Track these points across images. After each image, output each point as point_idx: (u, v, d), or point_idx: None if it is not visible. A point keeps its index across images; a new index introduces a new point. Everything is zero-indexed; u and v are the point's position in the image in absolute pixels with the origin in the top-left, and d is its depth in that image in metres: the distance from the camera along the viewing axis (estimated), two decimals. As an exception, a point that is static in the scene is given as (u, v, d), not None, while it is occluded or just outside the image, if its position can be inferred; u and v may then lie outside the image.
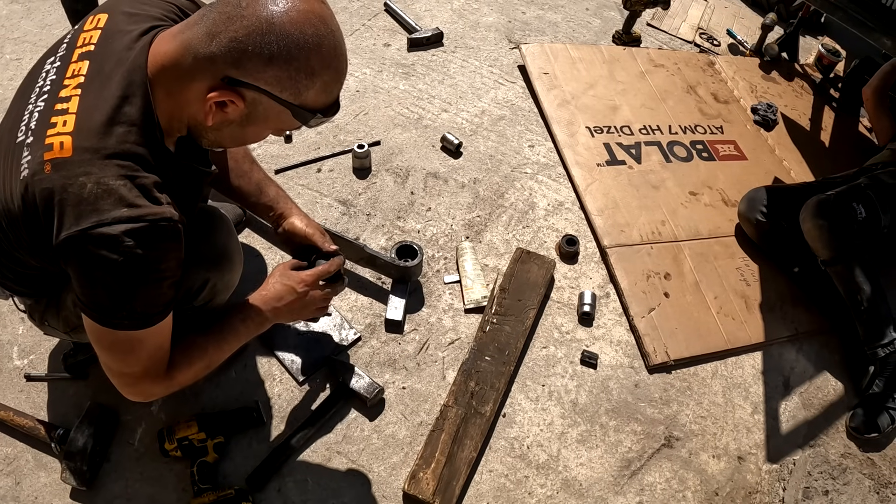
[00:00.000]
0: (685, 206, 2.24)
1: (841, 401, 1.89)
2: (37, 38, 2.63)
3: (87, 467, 1.41)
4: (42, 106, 1.01)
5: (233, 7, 0.94)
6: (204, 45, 0.95)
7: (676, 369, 1.85)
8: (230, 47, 0.93)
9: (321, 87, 0.99)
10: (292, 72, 0.95)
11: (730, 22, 3.24)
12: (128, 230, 0.94)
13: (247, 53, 0.93)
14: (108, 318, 1.03)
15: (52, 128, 0.97)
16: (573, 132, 2.39)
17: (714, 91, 2.72)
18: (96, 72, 1.01)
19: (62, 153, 0.95)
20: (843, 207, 1.88)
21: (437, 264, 1.98)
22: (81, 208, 0.93)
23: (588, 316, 1.89)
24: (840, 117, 2.79)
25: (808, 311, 2.05)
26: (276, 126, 1.08)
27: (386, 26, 2.81)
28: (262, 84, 0.96)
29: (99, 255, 0.94)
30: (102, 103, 0.98)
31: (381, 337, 1.80)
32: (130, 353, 1.10)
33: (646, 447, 1.69)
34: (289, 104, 0.99)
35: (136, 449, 1.51)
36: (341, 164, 2.21)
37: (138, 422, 1.55)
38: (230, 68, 0.95)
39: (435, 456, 1.54)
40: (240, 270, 1.45)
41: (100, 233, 0.93)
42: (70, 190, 0.94)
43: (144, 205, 0.96)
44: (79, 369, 1.59)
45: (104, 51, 1.03)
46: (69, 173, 0.94)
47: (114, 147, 0.96)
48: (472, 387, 1.66)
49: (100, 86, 0.99)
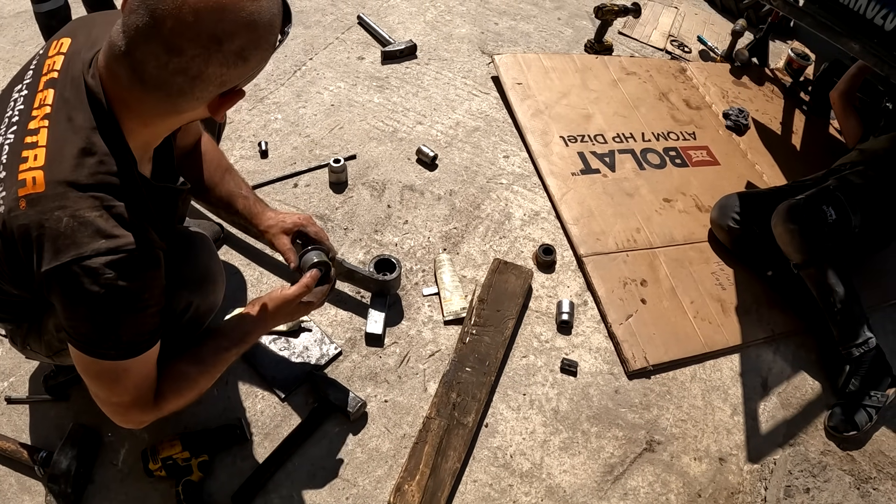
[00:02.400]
0: (659, 212, 2.26)
1: (819, 399, 1.92)
2: (9, 56, 2.60)
3: (71, 490, 1.40)
4: (12, 139, 1.00)
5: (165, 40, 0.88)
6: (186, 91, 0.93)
7: (656, 374, 1.87)
8: (215, 79, 0.93)
9: (279, 30, 1.00)
10: (262, 50, 0.97)
11: (700, 28, 3.29)
12: (108, 262, 0.94)
13: (232, 72, 0.94)
14: (94, 349, 1.03)
15: (23, 162, 0.96)
16: (547, 142, 2.41)
17: (686, 97, 2.76)
18: (62, 101, 1.00)
19: (35, 188, 0.94)
20: (813, 211, 1.91)
21: (416, 277, 1.98)
22: (59, 242, 0.93)
23: (567, 324, 1.90)
24: (811, 120, 2.84)
25: (783, 313, 2.08)
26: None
27: (359, 39, 2.82)
28: (251, 72, 0.99)
29: (81, 289, 0.94)
30: (71, 135, 0.97)
31: (362, 351, 1.80)
32: (117, 383, 1.10)
33: (628, 452, 1.70)
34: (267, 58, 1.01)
35: (121, 469, 1.49)
36: (318, 179, 2.21)
37: (121, 442, 1.53)
38: (220, 89, 0.97)
39: (419, 468, 1.54)
40: (223, 291, 1.44)
41: (80, 266, 0.93)
42: (46, 225, 0.93)
43: (122, 234, 0.96)
44: (60, 391, 1.58)
45: (66, 78, 1.01)
46: (44, 208, 0.94)
47: (86, 179, 0.95)
48: (453, 398, 1.67)
49: (66, 116, 0.98)
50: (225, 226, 2.00)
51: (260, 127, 2.37)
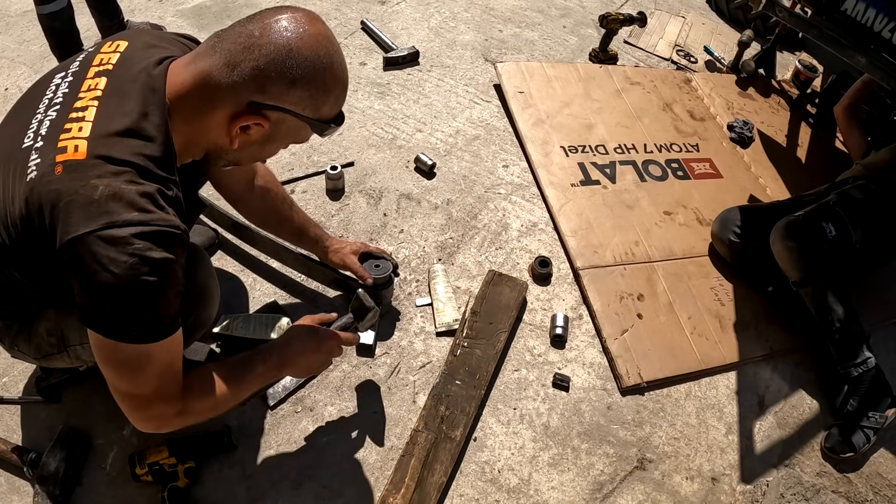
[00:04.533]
0: (659, 225, 2.24)
1: (817, 419, 1.89)
2: (14, 55, 2.63)
3: (59, 491, 1.40)
4: (54, 115, 1.02)
5: (247, 37, 1.00)
6: (224, 75, 1.00)
7: (649, 391, 1.85)
8: (253, 75, 0.99)
9: (334, 100, 1.08)
10: (312, 90, 1.03)
11: (707, 38, 3.26)
12: (138, 233, 0.94)
13: (270, 78, 1.00)
14: (115, 330, 1.00)
15: (66, 133, 0.98)
16: (547, 152, 2.39)
17: (690, 108, 2.74)
18: (115, 88, 1.04)
19: (76, 155, 0.96)
20: (811, 228, 1.88)
21: (409, 287, 1.97)
22: (91, 210, 0.93)
23: (560, 338, 1.88)
24: (816, 133, 2.81)
25: (783, 330, 2.05)
26: (293, 140, 1.15)
27: (362, 45, 2.82)
28: (287, 105, 1.03)
29: (107, 257, 0.93)
30: (121, 116, 1.00)
31: (353, 361, 1.78)
32: (140, 371, 1.06)
33: (618, 470, 1.68)
34: (309, 119, 1.07)
35: (108, 473, 1.50)
36: (315, 186, 2.20)
37: (110, 446, 1.54)
38: (255, 94, 1.01)
39: (405, 481, 1.52)
40: (216, 307, 1.43)
41: (109, 234, 0.93)
42: (81, 192, 0.94)
43: (155, 210, 0.97)
44: (51, 392, 1.58)
45: (122, 72, 1.06)
46: (81, 175, 0.95)
47: (130, 156, 0.98)
48: (442, 411, 1.65)
49: (118, 100, 1.02)
50: (220, 231, 2.00)
51: (259, 132, 2.36)
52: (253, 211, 1.69)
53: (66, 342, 1.27)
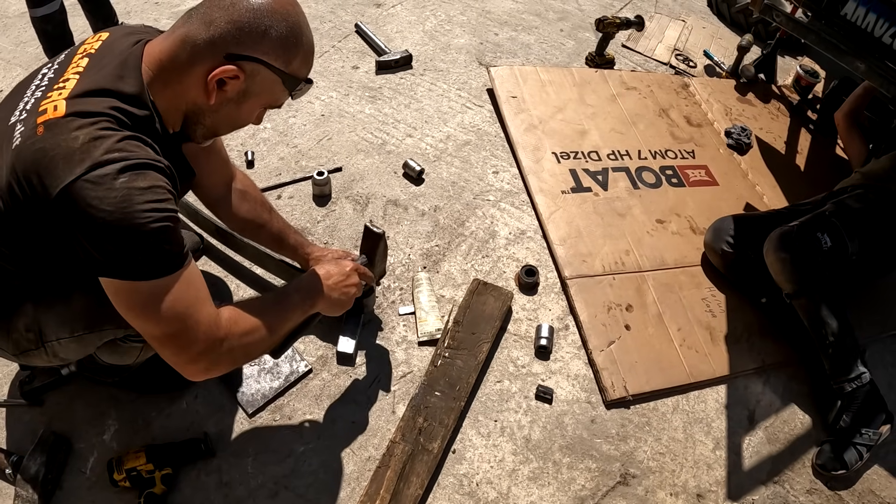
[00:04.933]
0: (651, 234, 2.19)
1: (808, 435, 1.84)
2: (11, 56, 2.63)
3: (38, 495, 1.40)
4: (39, 94, 1.06)
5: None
6: (202, 33, 1.06)
7: (635, 404, 1.81)
8: (228, 28, 1.06)
9: (302, 57, 1.14)
10: (283, 41, 1.09)
11: (707, 43, 3.21)
12: (121, 167, 0.96)
13: (244, 30, 1.06)
14: (125, 270, 1.00)
15: (47, 99, 1.03)
16: (539, 158, 2.36)
17: (687, 114, 2.69)
18: (95, 62, 1.09)
19: (55, 114, 1.00)
20: (806, 239, 1.83)
21: (393, 295, 1.94)
22: (74, 158, 0.96)
23: (545, 349, 1.85)
24: (817, 140, 2.75)
25: (776, 343, 2.00)
26: (267, 100, 1.17)
27: (356, 48, 2.79)
28: (261, 55, 1.08)
29: (97, 197, 0.94)
30: (99, 79, 1.05)
31: (333, 370, 1.76)
32: (165, 307, 1.04)
33: (600, 485, 1.64)
34: (281, 72, 1.11)
35: (88, 478, 1.49)
36: (301, 191, 2.18)
37: (91, 450, 1.53)
38: (230, 46, 1.06)
39: (380, 493, 1.50)
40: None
41: (94, 175, 0.95)
42: (63, 145, 0.97)
43: (134, 149, 1.00)
44: (34, 396, 1.59)
45: (102, 53, 1.12)
46: (62, 130, 0.98)
47: (105, 109, 1.01)
48: (420, 423, 1.62)
49: (97, 70, 1.07)
50: (205, 236, 1.99)
51: (248, 136, 2.35)
52: (232, 215, 1.67)
53: (44, 338, 1.26)
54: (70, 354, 1.32)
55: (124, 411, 1.61)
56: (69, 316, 1.23)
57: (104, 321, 1.24)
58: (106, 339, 1.29)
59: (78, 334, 1.25)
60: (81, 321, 1.24)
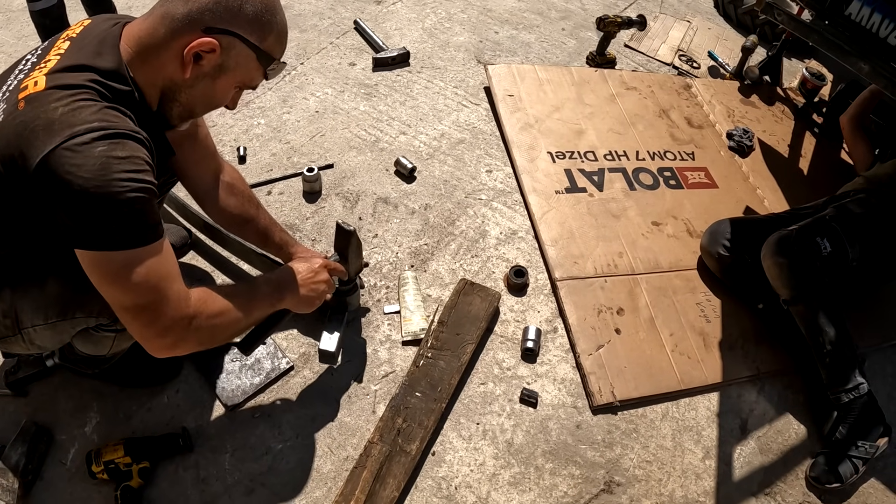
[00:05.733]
0: (646, 236, 2.14)
1: (803, 446, 1.78)
2: (13, 49, 2.64)
3: (18, 484, 1.40)
4: (22, 76, 1.09)
5: None
6: (180, 8, 1.08)
7: (623, 410, 1.76)
8: (207, 2, 1.07)
9: (276, 35, 1.16)
10: (258, 16, 1.11)
11: (712, 44, 3.15)
12: (100, 136, 0.98)
13: (221, 3, 1.08)
14: (99, 239, 1.01)
15: (28, 78, 1.05)
16: (533, 157, 2.31)
17: (688, 115, 2.64)
18: (76, 44, 1.11)
19: (36, 89, 1.01)
20: (805, 243, 1.78)
21: (379, 293, 1.91)
22: (53, 128, 0.97)
23: (531, 352, 1.80)
24: (821, 144, 2.69)
25: (772, 350, 1.94)
26: (242, 77, 1.18)
27: (353, 45, 2.77)
28: (237, 28, 1.10)
29: (75, 165, 0.95)
30: (78, 56, 1.07)
31: (314, 367, 1.73)
32: (137, 279, 1.05)
33: (583, 492, 1.60)
34: (256, 48, 1.13)
35: (68, 469, 1.49)
36: (292, 188, 2.16)
37: (72, 442, 1.53)
38: (208, 19, 1.08)
39: (355, 494, 1.46)
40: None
41: (73, 143, 0.96)
42: (42, 116, 0.98)
43: (114, 118, 1.02)
44: (19, 387, 1.59)
45: (83, 36, 1.13)
46: (42, 103, 1.00)
47: (87, 83, 1.03)
48: (399, 423, 1.59)
49: (77, 49, 1.09)
50: (193, 231, 1.97)
51: (242, 132, 2.33)
52: (219, 209, 1.64)
53: (20, 324, 1.25)
54: (46, 342, 1.31)
55: (106, 404, 1.60)
56: (43, 302, 1.23)
57: (75, 308, 1.23)
58: (79, 328, 1.29)
59: (52, 321, 1.24)
60: (55, 308, 1.23)
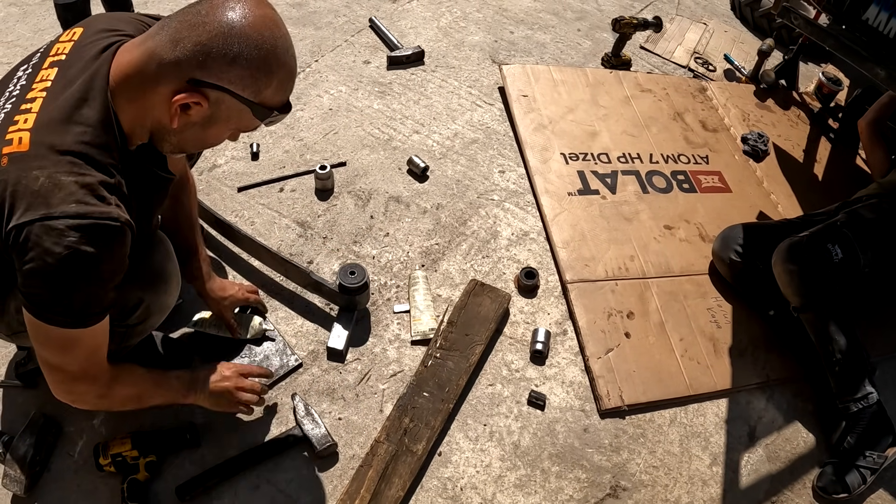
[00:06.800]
0: (658, 240, 2.14)
1: (811, 455, 1.77)
2: (29, 43, 2.65)
3: (25, 475, 1.42)
4: (9, 108, 1.06)
5: (193, 15, 1.01)
6: (168, 51, 1.01)
7: (631, 414, 1.76)
8: (195, 51, 1.00)
9: (277, 85, 1.07)
10: (253, 71, 1.02)
11: (728, 47, 3.13)
12: (73, 225, 0.97)
13: (211, 55, 1.00)
14: (45, 313, 1.05)
15: (14, 125, 1.03)
16: (546, 158, 2.31)
17: (703, 118, 2.62)
18: (62, 77, 1.07)
19: (20, 147, 1.00)
20: (816, 250, 1.76)
21: (389, 292, 1.91)
22: (32, 200, 0.97)
23: (540, 354, 1.81)
24: (837, 149, 2.66)
25: (782, 357, 1.93)
26: (236, 126, 1.13)
27: (368, 43, 2.77)
28: (226, 83, 1.03)
29: (42, 247, 0.97)
30: (62, 103, 1.03)
31: (323, 365, 1.74)
32: (67, 351, 1.12)
33: (588, 496, 1.60)
34: (249, 102, 1.06)
35: (76, 461, 1.50)
36: (304, 185, 2.17)
37: (80, 434, 1.54)
38: (195, 70, 1.01)
39: (360, 492, 1.48)
40: (176, 293, 1.45)
41: (46, 225, 0.96)
42: (23, 182, 0.98)
43: (93, 203, 1.00)
44: (29, 378, 1.60)
45: (72, 60, 1.09)
46: (24, 166, 0.99)
47: (69, 145, 1.01)
48: (406, 423, 1.60)
49: (62, 89, 1.05)
50: (205, 227, 1.98)
51: (255, 128, 2.34)
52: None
53: None
54: None
55: (115, 397, 1.61)
56: None
57: None
58: None
59: None
60: None
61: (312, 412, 1.60)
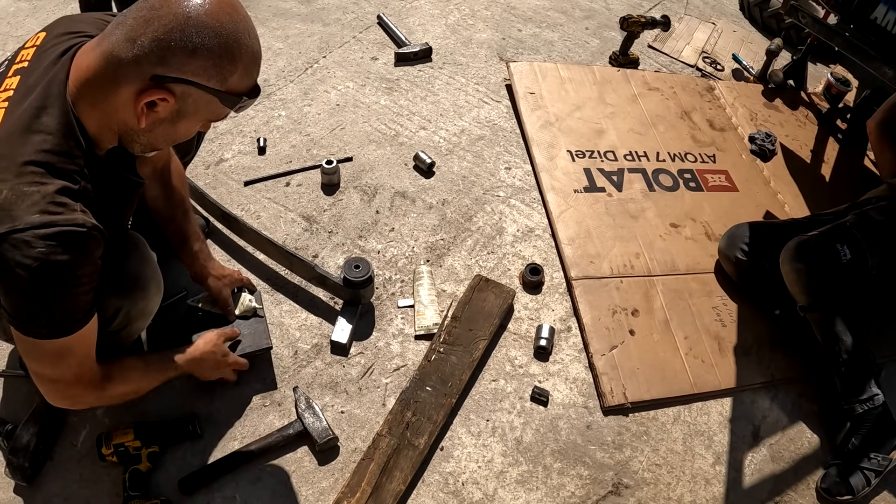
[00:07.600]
0: (664, 238, 2.13)
1: (815, 455, 1.76)
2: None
3: (28, 464, 1.43)
4: None
5: (147, 10, 0.98)
6: (126, 50, 0.98)
7: (634, 412, 1.75)
8: (153, 47, 0.97)
9: (242, 70, 1.04)
10: (216, 59, 1.00)
11: (737, 46, 3.12)
12: (41, 235, 0.96)
13: (171, 49, 0.97)
14: (28, 327, 1.05)
15: None
16: (553, 155, 2.31)
17: (710, 117, 2.61)
18: (23, 86, 1.05)
19: None
20: (824, 250, 1.76)
21: (393, 287, 1.92)
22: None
23: (544, 350, 1.80)
24: (844, 150, 2.65)
25: (787, 357, 1.92)
26: (205, 116, 1.11)
27: (376, 39, 2.78)
28: (190, 76, 1.00)
29: (13, 261, 0.96)
30: (21, 113, 1.01)
31: (326, 358, 1.75)
32: (60, 361, 1.12)
33: (590, 493, 1.60)
34: (216, 91, 1.03)
35: (79, 450, 1.51)
36: (310, 179, 2.17)
37: (83, 424, 1.55)
38: (156, 66, 0.98)
39: (361, 486, 1.48)
40: (157, 297, 1.41)
41: (14, 238, 0.95)
42: None
43: (57, 211, 0.98)
44: None
45: (33, 67, 1.07)
46: None
47: (29, 155, 0.99)
48: (408, 417, 1.60)
49: (22, 98, 1.03)
50: (211, 220, 1.99)
51: (262, 123, 2.35)
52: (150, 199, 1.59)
53: None
54: None
55: (118, 387, 1.62)
56: None
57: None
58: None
59: None
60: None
61: (314, 406, 1.60)
